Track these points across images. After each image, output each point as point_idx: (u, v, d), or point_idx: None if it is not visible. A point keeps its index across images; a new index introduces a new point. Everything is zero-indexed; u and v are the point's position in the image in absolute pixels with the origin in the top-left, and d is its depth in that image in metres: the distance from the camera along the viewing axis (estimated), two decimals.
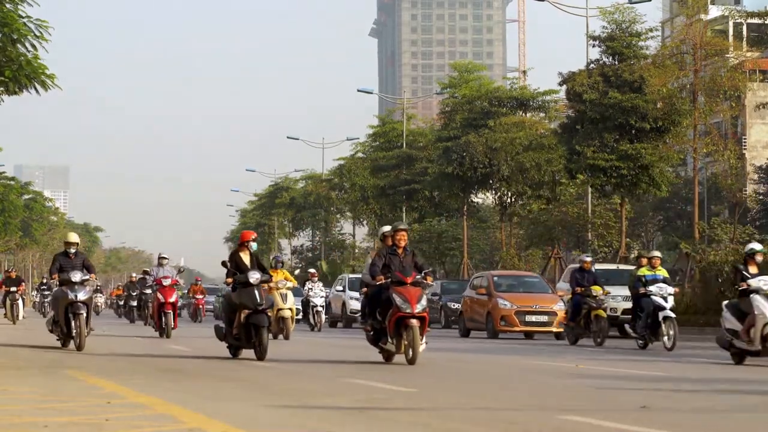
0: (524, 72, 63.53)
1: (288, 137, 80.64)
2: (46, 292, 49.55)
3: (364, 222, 70.91)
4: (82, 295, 19.87)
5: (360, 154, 70.65)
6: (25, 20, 17.17)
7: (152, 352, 20.19)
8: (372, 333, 16.54)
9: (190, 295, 50.67)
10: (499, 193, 56.02)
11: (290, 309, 26.20)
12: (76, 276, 19.99)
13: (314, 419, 9.04)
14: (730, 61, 44.99)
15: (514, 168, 51.99)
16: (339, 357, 19.09)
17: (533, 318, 30.53)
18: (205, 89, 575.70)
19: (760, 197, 63.35)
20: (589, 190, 47.69)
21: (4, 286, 40.53)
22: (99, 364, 16.05)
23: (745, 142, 69.75)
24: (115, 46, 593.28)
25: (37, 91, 17.68)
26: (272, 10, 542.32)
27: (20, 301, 40.17)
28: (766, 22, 46.84)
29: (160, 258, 29.01)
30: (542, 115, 57.15)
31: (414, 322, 15.74)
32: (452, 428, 8.48)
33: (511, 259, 53.92)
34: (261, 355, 16.69)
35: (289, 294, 26.57)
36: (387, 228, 17.31)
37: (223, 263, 17.39)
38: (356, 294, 40.46)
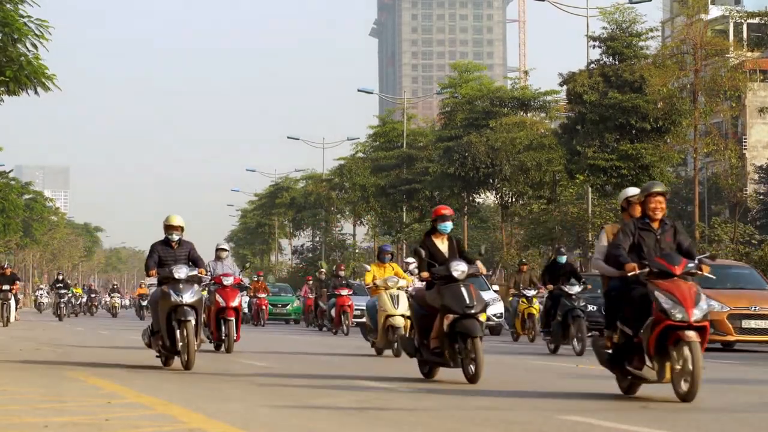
0: (526, 72, 63.46)
1: (288, 137, 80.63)
2: (63, 291, 47.98)
3: (365, 222, 70.85)
4: (188, 297, 15.44)
5: (360, 154, 70.62)
6: (25, 20, 17.17)
7: (152, 352, 20.17)
8: (614, 350, 11.14)
9: (250, 294, 43.39)
10: (500, 193, 56.00)
11: (403, 316, 18.98)
12: (181, 271, 15.63)
13: (314, 419, 9.04)
14: (731, 61, 45.00)
15: (515, 168, 51.97)
16: (338, 357, 19.09)
17: (752, 324, 23.07)
18: (205, 89, 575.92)
19: (761, 197, 63.34)
20: (589, 190, 47.69)
21: None
22: (99, 364, 16.04)
23: (745, 142, 69.74)
24: (116, 45, 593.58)
25: (36, 92, 17.68)
26: (272, 10, 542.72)
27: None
28: (766, 22, 46.86)
29: (219, 250, 21.91)
30: (543, 115, 57.14)
31: (692, 335, 10.30)
32: (452, 428, 8.48)
33: (511, 260, 53.89)
34: (474, 377, 12.63)
35: (402, 296, 19.36)
36: (633, 190, 11.90)
37: (415, 251, 13.57)
38: None
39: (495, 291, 34.95)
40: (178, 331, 15.27)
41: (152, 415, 9.01)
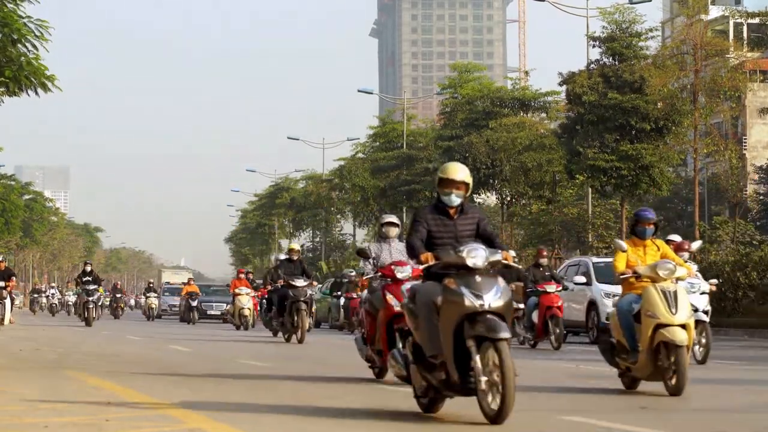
0: (526, 72, 63.47)
1: (288, 137, 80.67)
2: (92, 287, 36.93)
3: (365, 222, 70.88)
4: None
5: (360, 155, 70.63)
6: (25, 20, 17.16)
7: (152, 352, 20.16)
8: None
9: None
10: (500, 194, 56.00)
11: (684, 327, 12.52)
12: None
13: (314, 419, 9.03)
14: (731, 62, 44.99)
15: (515, 168, 51.98)
16: (339, 357, 19.09)
17: None
18: (205, 89, 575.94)
19: (761, 197, 63.33)
20: (589, 190, 47.69)
21: None
22: (99, 364, 16.04)
23: (745, 142, 69.74)
24: (116, 45, 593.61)
25: (36, 93, 17.67)
26: (272, 11, 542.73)
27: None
28: (766, 22, 46.85)
29: (386, 225, 14.12)
30: (543, 115, 57.15)
31: None
32: (452, 428, 8.47)
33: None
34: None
35: (682, 293, 12.31)
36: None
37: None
38: None
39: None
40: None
41: (152, 415, 9.01)
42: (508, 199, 56.29)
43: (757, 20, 47.88)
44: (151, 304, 54.70)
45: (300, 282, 24.03)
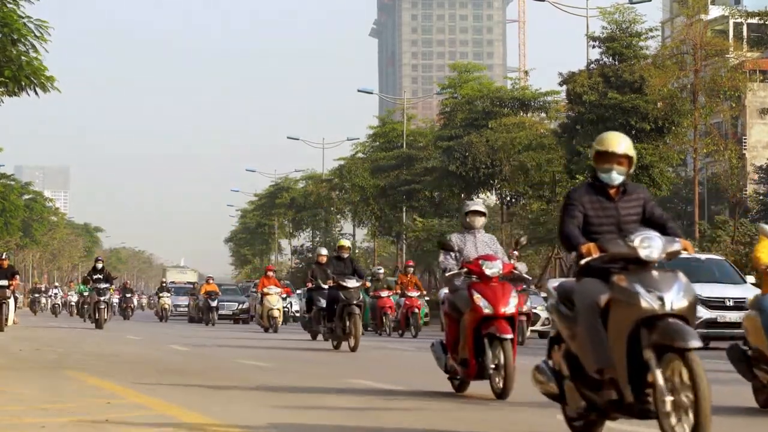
0: (526, 72, 63.46)
1: (288, 137, 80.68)
2: (103, 285, 33.58)
3: (365, 222, 70.89)
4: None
5: (360, 155, 70.61)
6: (25, 20, 17.16)
7: (152, 352, 20.16)
8: None
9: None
10: (500, 194, 55.99)
11: None
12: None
13: (314, 419, 9.03)
14: (731, 62, 45.01)
15: (515, 168, 51.99)
16: (339, 357, 19.09)
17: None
18: (205, 89, 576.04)
19: (761, 197, 63.32)
20: None
21: None
22: (99, 364, 16.04)
23: (745, 142, 69.74)
24: (116, 46, 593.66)
25: (36, 93, 17.67)
26: (272, 11, 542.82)
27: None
28: (766, 22, 46.86)
29: (472, 213, 12.21)
30: (543, 115, 57.14)
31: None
32: (452, 428, 8.47)
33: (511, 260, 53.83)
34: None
35: None
36: None
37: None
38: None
39: None
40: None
41: (152, 415, 9.01)
42: (508, 199, 56.27)
43: (756, 20, 47.90)
44: (164, 304, 52.82)
45: (352, 283, 21.12)
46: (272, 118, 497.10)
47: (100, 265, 35.16)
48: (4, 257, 30.33)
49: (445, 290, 12.11)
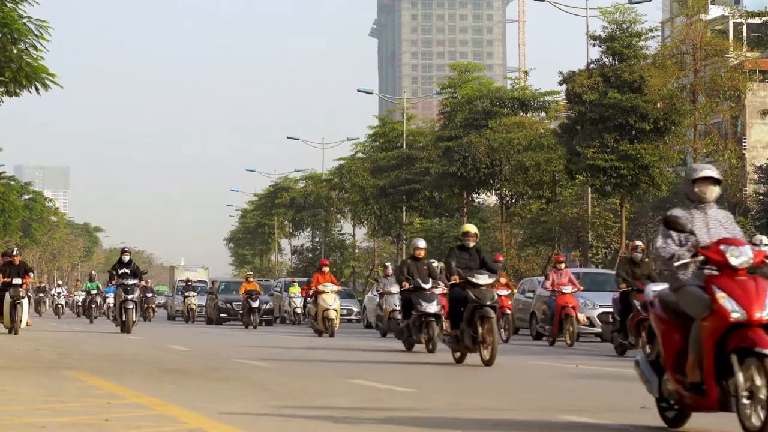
0: (526, 72, 63.46)
1: (288, 137, 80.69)
2: (131, 281, 28.60)
3: (364, 222, 70.95)
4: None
5: (360, 155, 70.63)
6: (25, 20, 17.16)
7: (152, 352, 20.16)
8: None
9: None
10: (500, 194, 55.99)
11: None
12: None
13: (314, 419, 9.03)
14: (730, 61, 45.00)
15: (514, 168, 51.98)
16: (339, 357, 19.08)
17: None
18: (205, 89, 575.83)
19: (760, 197, 63.31)
20: (589, 190, 47.69)
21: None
22: (99, 364, 16.04)
23: (745, 142, 69.73)
24: (116, 46, 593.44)
25: (37, 91, 17.67)
26: (272, 11, 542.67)
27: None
28: (766, 22, 46.87)
29: (702, 181, 8.76)
30: (543, 115, 57.14)
31: None
32: (452, 428, 8.47)
33: (511, 260, 53.92)
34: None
35: None
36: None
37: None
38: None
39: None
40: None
41: (152, 415, 9.01)
42: (507, 199, 56.27)
43: (756, 20, 47.91)
44: (190, 304, 50.01)
45: (484, 279, 16.48)
46: (272, 118, 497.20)
47: (127, 258, 29.74)
48: (15, 253, 27.73)
49: (655, 287, 10.46)
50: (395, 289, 28.99)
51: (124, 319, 28.55)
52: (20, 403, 9.83)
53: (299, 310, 44.10)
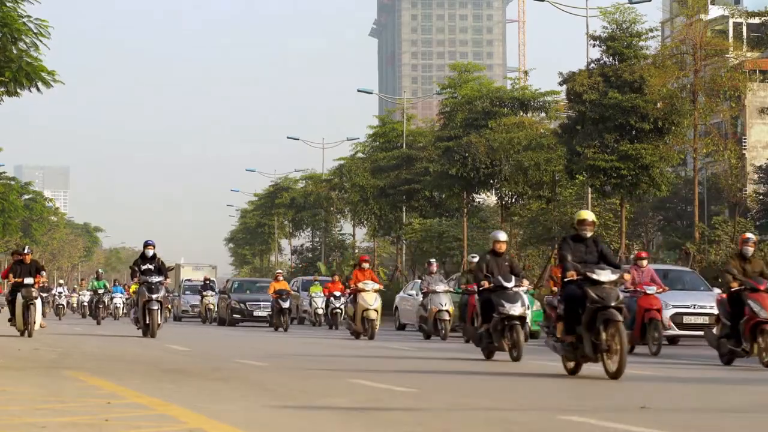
0: (526, 72, 63.45)
1: (288, 137, 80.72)
2: (155, 279, 25.68)
3: (364, 222, 71.01)
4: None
5: (360, 155, 70.64)
6: (24, 20, 17.15)
7: (152, 352, 20.16)
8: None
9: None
10: (500, 194, 55.99)
11: None
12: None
13: (314, 419, 9.03)
14: (730, 61, 45.03)
15: (514, 168, 51.96)
16: (339, 357, 19.07)
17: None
18: (205, 89, 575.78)
19: (760, 197, 63.34)
20: (589, 190, 47.68)
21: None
22: (99, 364, 16.03)
23: (745, 142, 69.74)
24: (116, 46, 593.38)
25: (38, 89, 17.66)
26: (272, 11, 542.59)
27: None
28: (766, 22, 46.88)
29: None
30: (543, 115, 57.12)
31: None
32: (452, 428, 8.47)
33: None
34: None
35: None
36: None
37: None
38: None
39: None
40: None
41: (152, 415, 9.01)
42: (507, 198, 56.26)
43: (756, 20, 47.92)
44: (208, 304, 48.22)
45: (606, 275, 14.02)
46: (272, 118, 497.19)
47: (151, 252, 26.49)
48: (26, 251, 25.81)
49: None
50: (441, 287, 28.50)
51: (147, 321, 25.74)
52: (20, 403, 9.82)
53: (321, 311, 42.23)
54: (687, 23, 44.43)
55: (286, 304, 36.03)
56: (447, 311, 27.48)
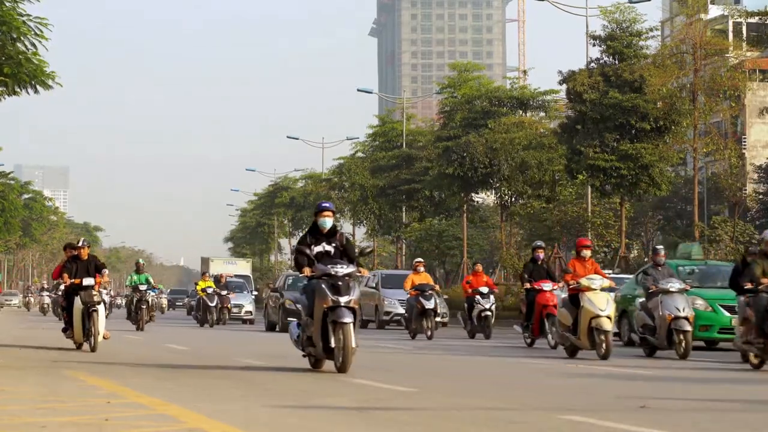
0: (525, 72, 63.49)
1: (288, 137, 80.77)
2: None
3: (364, 222, 71.04)
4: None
5: (360, 154, 70.69)
6: (24, 19, 17.17)
7: (152, 352, 20.14)
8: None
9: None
10: (499, 193, 56.02)
11: None
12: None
13: (314, 419, 9.03)
14: (730, 61, 45.04)
15: (514, 167, 51.98)
16: None
17: None
18: (206, 89, 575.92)
19: (760, 197, 63.34)
20: (589, 189, 47.69)
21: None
22: (99, 364, 16.03)
23: (744, 141, 69.75)
24: (116, 45, 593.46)
25: (36, 91, 17.67)
26: (272, 10, 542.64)
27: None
28: (765, 21, 46.87)
29: None
30: (542, 114, 57.15)
31: None
32: (452, 428, 8.47)
33: (510, 259, 53.92)
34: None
35: None
36: None
37: None
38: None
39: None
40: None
41: (152, 415, 9.00)
42: (507, 198, 56.29)
43: (756, 19, 47.91)
44: (227, 306, 41.25)
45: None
46: (272, 118, 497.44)
47: (329, 222, 14.69)
48: (82, 244, 20.57)
49: None
50: (676, 285, 24.05)
51: (332, 343, 14.36)
52: (20, 403, 9.82)
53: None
54: (687, 23, 44.44)
55: (430, 304, 28.13)
56: (686, 319, 19.52)
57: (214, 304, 38.57)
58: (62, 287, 20.79)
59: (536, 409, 9.88)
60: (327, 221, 14.61)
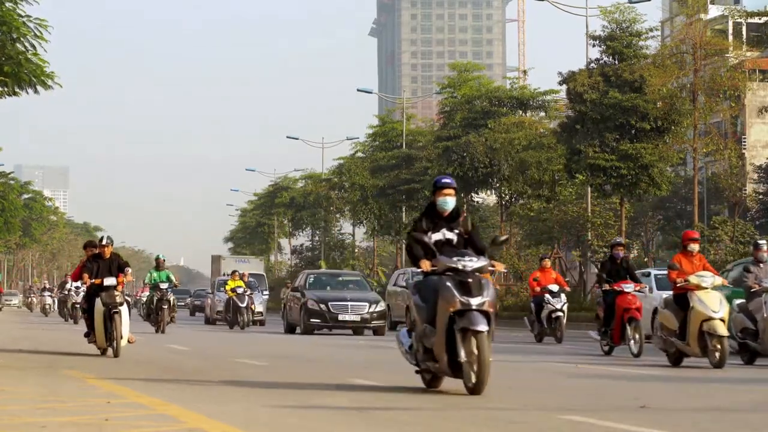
0: (525, 72, 63.48)
1: (288, 137, 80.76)
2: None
3: (364, 222, 71.08)
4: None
5: (360, 154, 70.69)
6: (24, 19, 17.17)
7: (152, 352, 20.15)
8: None
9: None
10: (499, 193, 56.01)
11: None
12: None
13: (314, 419, 9.03)
14: (730, 61, 45.03)
15: (514, 167, 51.98)
16: (339, 357, 19.06)
17: None
18: (206, 89, 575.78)
19: (760, 197, 63.32)
20: (589, 189, 47.67)
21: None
22: (99, 364, 16.03)
23: (744, 141, 69.73)
24: (116, 45, 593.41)
25: (36, 91, 17.66)
26: (272, 10, 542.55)
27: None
28: (765, 21, 46.88)
29: None
30: (542, 114, 57.15)
31: None
32: (452, 428, 8.46)
33: (510, 259, 53.91)
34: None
35: None
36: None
37: None
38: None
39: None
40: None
41: (152, 415, 9.00)
42: (507, 198, 56.28)
43: (756, 19, 47.92)
44: (251, 306, 38.26)
45: None
46: (272, 118, 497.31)
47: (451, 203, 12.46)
48: (105, 242, 18.63)
49: None
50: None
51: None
52: (20, 403, 9.82)
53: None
54: (687, 23, 44.44)
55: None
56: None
57: (245, 305, 36.01)
58: (72, 287, 19.30)
59: (536, 409, 9.88)
60: (449, 201, 11.78)
